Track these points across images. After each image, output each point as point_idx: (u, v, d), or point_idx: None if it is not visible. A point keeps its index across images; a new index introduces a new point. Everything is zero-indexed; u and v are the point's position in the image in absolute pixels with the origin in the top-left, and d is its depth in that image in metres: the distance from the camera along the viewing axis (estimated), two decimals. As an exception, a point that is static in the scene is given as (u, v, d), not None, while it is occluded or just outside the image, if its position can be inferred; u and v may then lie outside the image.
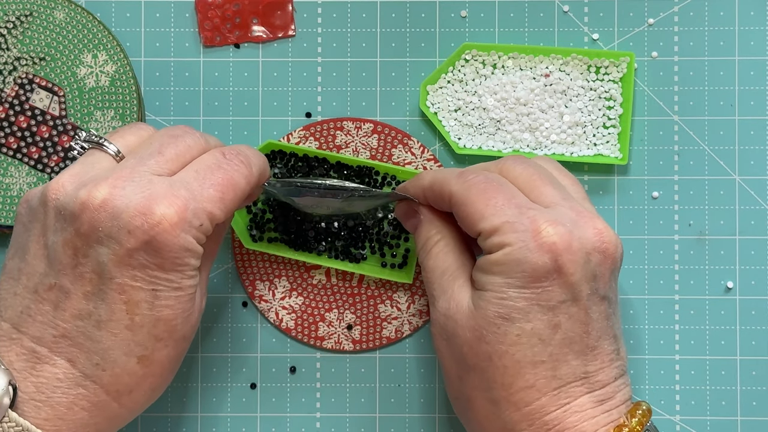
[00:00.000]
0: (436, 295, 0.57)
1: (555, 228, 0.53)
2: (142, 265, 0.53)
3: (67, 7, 0.64)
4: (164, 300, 0.53)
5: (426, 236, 0.59)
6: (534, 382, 0.53)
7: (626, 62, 0.65)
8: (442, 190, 0.57)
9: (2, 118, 0.64)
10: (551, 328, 0.53)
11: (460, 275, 0.57)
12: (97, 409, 0.54)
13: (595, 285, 0.54)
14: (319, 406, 0.66)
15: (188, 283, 0.54)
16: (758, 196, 0.66)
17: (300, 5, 0.67)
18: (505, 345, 0.53)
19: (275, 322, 0.66)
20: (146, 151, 0.56)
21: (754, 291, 0.66)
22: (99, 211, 0.52)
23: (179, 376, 0.66)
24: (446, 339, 0.56)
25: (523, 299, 0.53)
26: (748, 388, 0.65)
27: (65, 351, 0.53)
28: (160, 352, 0.54)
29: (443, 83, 0.66)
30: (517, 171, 0.57)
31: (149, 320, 0.53)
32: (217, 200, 0.54)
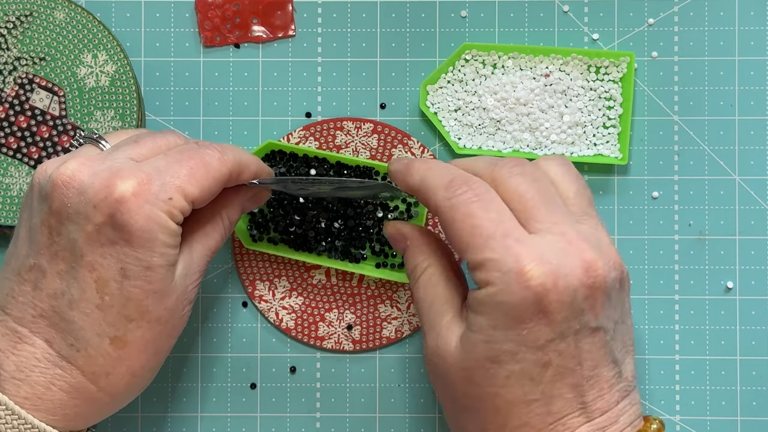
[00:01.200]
0: (425, 330, 0.56)
1: (540, 268, 0.51)
2: (110, 241, 0.53)
3: (67, 7, 0.64)
4: (133, 279, 0.53)
5: (413, 263, 0.58)
6: (528, 419, 0.52)
7: (626, 62, 0.65)
8: (428, 200, 0.55)
9: (2, 118, 0.64)
10: (541, 367, 0.52)
11: (448, 309, 0.55)
12: (75, 391, 0.54)
13: (584, 319, 0.52)
14: (319, 406, 0.66)
15: (159, 261, 0.54)
16: (758, 196, 0.66)
17: (300, 5, 0.67)
18: (495, 387, 0.52)
19: (275, 322, 0.66)
20: (125, 141, 0.57)
21: (754, 291, 0.66)
22: (67, 187, 0.53)
23: (179, 376, 0.66)
24: (437, 377, 0.55)
25: (510, 341, 0.52)
26: (748, 388, 0.65)
27: (43, 331, 0.54)
28: (133, 333, 0.54)
29: (443, 83, 0.66)
30: (511, 185, 0.54)
31: (119, 300, 0.53)
32: (186, 175, 0.54)
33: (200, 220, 0.58)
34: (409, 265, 0.58)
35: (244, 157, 0.58)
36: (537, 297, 0.51)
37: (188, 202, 0.54)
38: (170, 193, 0.54)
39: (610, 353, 0.53)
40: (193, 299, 0.57)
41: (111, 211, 0.53)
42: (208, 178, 0.55)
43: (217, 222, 0.59)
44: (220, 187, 0.56)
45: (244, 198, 0.60)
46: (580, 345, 0.52)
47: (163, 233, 0.53)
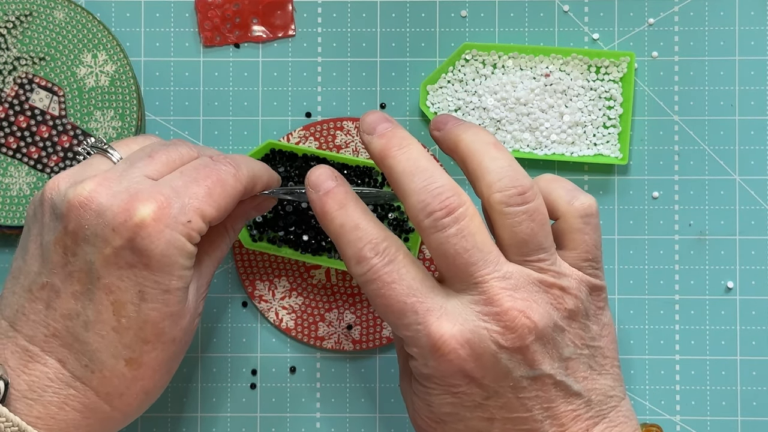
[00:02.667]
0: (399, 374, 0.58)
1: (452, 340, 0.50)
2: (128, 265, 0.52)
3: (67, 7, 0.64)
4: (151, 302, 0.53)
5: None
6: None
7: (626, 62, 0.65)
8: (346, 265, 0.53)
9: (2, 118, 0.64)
10: (486, 421, 0.52)
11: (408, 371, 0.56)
12: (89, 411, 0.54)
13: (518, 373, 0.51)
14: (319, 406, 0.66)
15: (177, 284, 0.53)
16: (758, 196, 0.66)
17: (300, 5, 0.67)
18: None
19: (275, 322, 0.66)
20: (138, 155, 0.56)
21: (754, 291, 0.66)
22: (85, 209, 0.53)
23: (179, 376, 0.66)
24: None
25: (448, 405, 0.52)
26: (748, 388, 0.65)
27: (56, 351, 0.54)
28: (148, 355, 0.54)
29: (443, 83, 0.66)
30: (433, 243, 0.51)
31: (136, 322, 0.53)
32: (204, 196, 0.54)
33: (207, 235, 0.57)
34: None
35: (256, 169, 0.57)
36: (456, 367, 0.51)
37: (206, 223, 0.54)
38: (189, 216, 0.53)
39: (566, 388, 0.52)
40: (201, 312, 0.57)
41: (131, 235, 0.52)
42: (225, 197, 0.55)
43: (224, 235, 0.59)
44: (235, 203, 0.56)
45: (249, 207, 0.60)
46: (521, 396, 0.51)
47: (182, 257, 0.53)
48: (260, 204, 0.60)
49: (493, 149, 0.53)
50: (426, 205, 0.51)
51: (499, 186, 0.52)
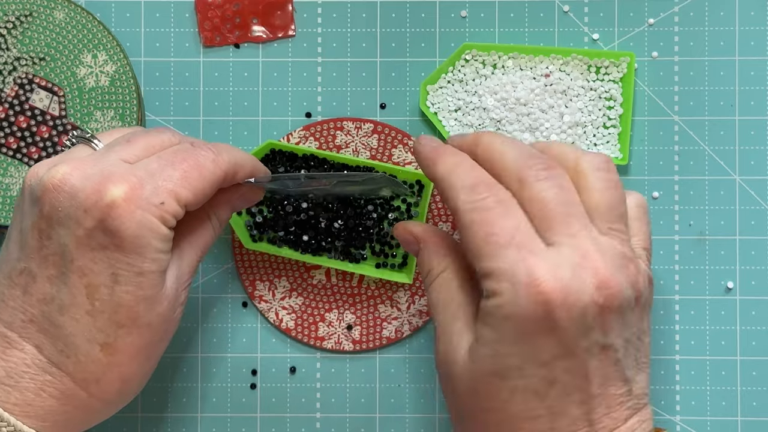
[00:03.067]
0: (438, 334, 0.55)
1: (551, 282, 0.50)
2: (101, 246, 0.52)
3: (67, 7, 0.64)
4: (124, 284, 0.53)
5: (428, 266, 0.57)
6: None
7: (626, 62, 0.65)
8: (448, 199, 0.54)
9: (2, 118, 0.64)
10: (547, 383, 0.51)
11: (461, 315, 0.54)
12: (66, 398, 0.54)
13: (593, 337, 0.51)
14: (319, 406, 0.66)
15: (150, 267, 0.53)
16: (758, 196, 0.66)
17: (300, 5, 0.67)
18: (498, 402, 0.52)
19: (275, 322, 0.66)
20: (117, 141, 0.56)
21: (754, 291, 0.66)
22: (58, 191, 0.53)
23: (179, 376, 0.66)
24: (446, 383, 0.55)
25: (515, 356, 0.51)
26: (748, 389, 0.65)
27: (33, 336, 0.54)
28: (123, 339, 0.53)
29: (443, 83, 0.66)
30: (534, 191, 0.52)
31: (109, 306, 0.53)
32: (179, 179, 0.54)
33: (188, 222, 0.57)
34: (424, 268, 0.57)
35: (239, 157, 0.57)
36: (545, 312, 0.50)
37: (181, 206, 0.54)
38: (162, 198, 0.53)
39: (620, 371, 0.52)
40: (184, 302, 0.57)
41: (102, 216, 0.52)
42: (201, 180, 0.54)
43: (206, 223, 0.58)
44: (214, 189, 0.56)
45: (233, 197, 0.59)
46: (587, 363, 0.51)
47: (155, 239, 0.53)
48: (245, 194, 0.60)
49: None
50: (529, 158, 0.53)
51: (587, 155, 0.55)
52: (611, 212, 0.53)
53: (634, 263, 0.53)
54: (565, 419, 0.51)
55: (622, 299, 0.51)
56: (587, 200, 0.53)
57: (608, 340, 0.51)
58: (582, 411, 0.51)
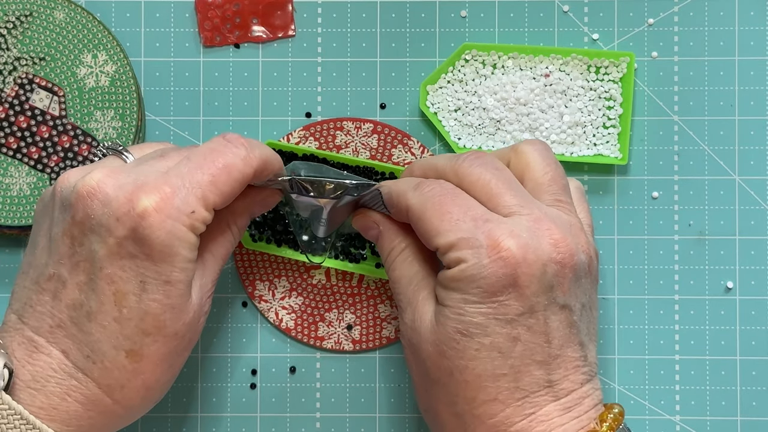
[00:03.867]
0: (403, 306, 0.57)
1: (510, 241, 0.53)
2: (130, 255, 0.53)
3: (67, 7, 0.64)
4: (152, 293, 0.53)
5: (389, 247, 0.59)
6: (496, 394, 0.53)
7: (626, 62, 0.65)
8: (400, 203, 0.57)
9: (2, 118, 0.64)
10: (510, 341, 0.53)
11: (425, 286, 0.57)
12: (90, 403, 0.54)
13: (552, 295, 0.53)
14: (319, 406, 0.66)
15: (178, 276, 0.53)
16: (758, 196, 0.66)
17: (300, 5, 0.67)
18: (464, 360, 0.53)
19: (275, 322, 0.66)
20: (150, 155, 0.57)
21: (754, 291, 0.66)
22: (92, 198, 0.53)
23: (179, 376, 0.66)
24: (412, 352, 0.56)
25: (481, 314, 0.53)
26: (748, 388, 0.65)
27: (60, 341, 0.54)
28: (149, 347, 0.54)
29: (443, 83, 0.66)
30: (473, 176, 0.56)
31: (137, 313, 0.53)
32: (208, 183, 0.54)
33: (210, 232, 0.57)
34: (385, 249, 0.59)
35: (269, 155, 0.57)
36: (509, 269, 0.52)
37: (209, 211, 0.54)
38: (192, 206, 0.53)
39: (577, 334, 0.54)
40: (207, 311, 0.57)
41: (133, 225, 0.52)
42: (230, 181, 0.55)
43: (226, 231, 0.58)
44: (242, 188, 0.56)
45: (252, 202, 0.59)
46: (548, 321, 0.53)
47: (184, 248, 0.53)
48: (265, 199, 0.60)
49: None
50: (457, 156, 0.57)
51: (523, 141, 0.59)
52: (554, 185, 0.57)
53: (583, 232, 0.56)
54: (527, 378, 0.53)
55: (577, 259, 0.54)
56: (531, 177, 0.57)
57: (566, 300, 0.54)
58: (543, 371, 0.53)
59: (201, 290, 0.56)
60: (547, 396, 0.54)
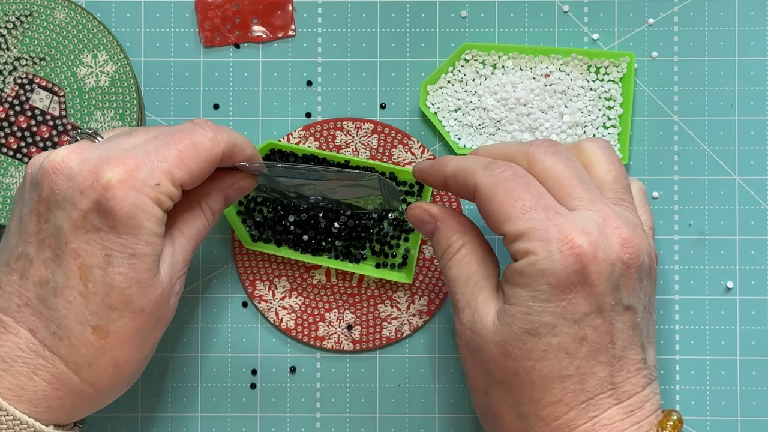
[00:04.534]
0: (460, 307, 0.56)
1: (581, 237, 0.52)
2: (95, 228, 0.53)
3: (67, 7, 0.64)
4: (117, 266, 0.53)
5: (446, 243, 0.58)
6: (562, 396, 0.52)
7: (626, 62, 0.65)
8: (467, 181, 0.55)
9: (2, 118, 0.64)
10: (577, 342, 0.52)
11: (485, 286, 0.56)
12: (59, 382, 0.54)
13: (619, 295, 0.53)
14: (319, 406, 0.66)
15: (144, 249, 0.53)
16: (758, 196, 0.66)
17: (300, 5, 0.67)
18: (531, 361, 0.52)
19: (275, 322, 0.66)
20: (118, 132, 0.57)
21: (754, 291, 0.66)
22: (56, 174, 0.53)
23: (179, 376, 0.66)
24: (472, 353, 0.55)
25: (549, 313, 0.52)
26: (748, 388, 0.65)
27: (27, 320, 0.54)
28: (115, 323, 0.53)
29: (443, 83, 0.66)
30: (546, 164, 0.55)
31: (102, 287, 0.53)
32: (175, 158, 0.54)
33: (179, 211, 0.57)
34: (442, 245, 0.58)
35: (239, 139, 0.57)
36: (579, 265, 0.52)
37: (176, 187, 0.54)
38: (158, 179, 0.53)
39: (639, 336, 0.54)
40: (179, 291, 0.57)
41: (97, 197, 0.52)
42: (197, 160, 0.55)
43: (197, 211, 0.58)
44: (211, 169, 0.56)
45: (225, 185, 0.59)
46: (613, 322, 0.53)
47: (149, 220, 0.53)
48: (238, 184, 0.59)
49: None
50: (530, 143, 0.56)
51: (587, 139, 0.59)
52: (618, 184, 0.56)
53: (645, 234, 0.55)
54: (592, 380, 0.53)
55: (642, 260, 0.54)
56: (595, 174, 0.56)
57: (631, 301, 0.53)
58: (607, 372, 0.53)
59: (171, 269, 0.56)
60: (611, 398, 0.53)
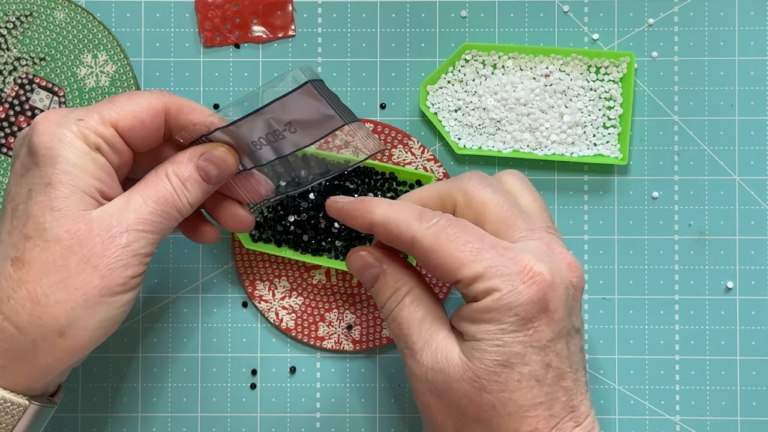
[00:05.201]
0: (417, 349, 0.55)
1: (539, 265, 0.53)
2: (26, 169, 0.54)
3: (67, 7, 0.64)
4: (35, 197, 0.53)
5: (393, 287, 0.57)
6: (536, 424, 0.53)
7: (626, 62, 0.65)
8: (401, 234, 0.55)
9: (2, 118, 0.64)
10: (544, 368, 0.53)
11: (441, 326, 0.55)
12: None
13: (572, 319, 0.54)
14: (319, 406, 0.66)
15: (60, 178, 0.53)
16: (758, 196, 0.66)
17: (300, 5, 0.67)
18: (507, 392, 0.53)
19: (275, 322, 0.66)
20: None
21: (754, 291, 0.66)
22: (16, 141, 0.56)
23: (180, 376, 0.66)
24: (438, 395, 0.54)
25: (519, 343, 0.52)
26: (748, 388, 0.65)
27: None
28: (30, 252, 0.53)
29: (443, 83, 0.66)
30: (485, 197, 0.55)
31: (22, 220, 0.53)
32: (106, 102, 0.55)
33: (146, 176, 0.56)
34: (388, 290, 0.57)
35: (186, 101, 0.57)
36: (542, 293, 0.52)
37: (105, 125, 0.54)
38: (81, 116, 0.54)
39: (584, 357, 0.55)
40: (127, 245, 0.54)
41: (28, 139, 0.54)
42: (131, 104, 0.55)
43: (161, 176, 0.56)
44: (151, 118, 0.55)
45: (195, 154, 0.56)
46: (569, 346, 0.54)
47: (67, 150, 0.53)
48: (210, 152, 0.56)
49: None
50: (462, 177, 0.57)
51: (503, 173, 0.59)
52: (544, 213, 0.58)
53: (573, 259, 0.56)
54: (557, 406, 0.53)
55: (583, 284, 0.55)
56: (527, 209, 0.57)
57: (579, 323, 0.55)
58: (567, 397, 0.54)
59: (114, 217, 0.54)
60: (571, 422, 0.53)
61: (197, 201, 0.56)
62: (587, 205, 0.66)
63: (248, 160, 0.57)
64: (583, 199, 0.66)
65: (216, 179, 0.56)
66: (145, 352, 0.66)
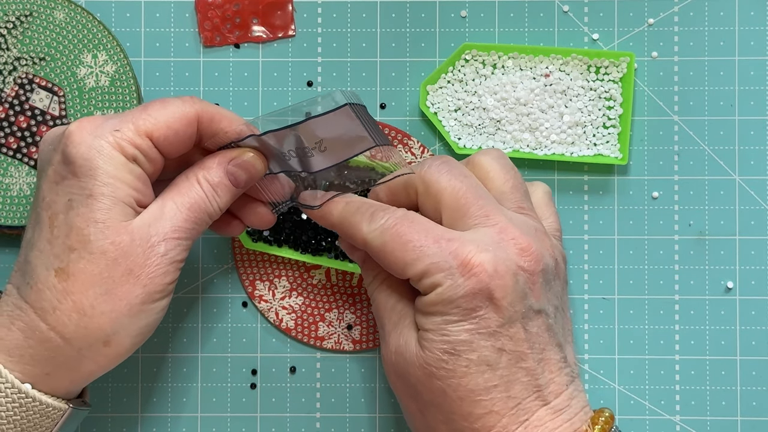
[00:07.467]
0: (388, 330, 0.57)
1: (479, 256, 0.54)
2: (62, 177, 0.54)
3: (67, 7, 0.64)
4: (77, 208, 0.54)
5: (373, 273, 0.59)
6: (491, 407, 0.54)
7: (626, 62, 0.65)
8: (355, 236, 0.57)
9: (2, 118, 0.64)
10: (496, 353, 0.54)
11: (408, 313, 0.57)
12: (29, 330, 0.54)
13: (528, 302, 0.55)
14: (319, 406, 0.66)
15: (102, 190, 0.54)
16: (758, 196, 0.66)
17: (300, 5, 0.67)
18: (456, 378, 0.54)
19: (275, 322, 0.66)
20: None
21: (754, 291, 0.66)
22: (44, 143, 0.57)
23: (179, 376, 0.66)
24: (400, 377, 0.57)
25: (464, 331, 0.54)
26: (748, 388, 0.65)
27: (14, 278, 0.56)
28: (75, 264, 0.54)
29: (443, 83, 0.66)
30: (442, 184, 0.56)
31: (64, 230, 0.54)
32: (140, 111, 0.55)
33: (175, 181, 0.57)
34: (369, 274, 0.59)
35: (220, 110, 0.57)
36: (482, 284, 0.53)
37: (141, 136, 0.55)
38: (117, 126, 0.55)
39: (554, 336, 0.56)
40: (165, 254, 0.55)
41: (62, 147, 0.54)
42: (164, 112, 0.55)
43: (192, 181, 0.56)
44: (185, 127, 0.56)
45: (224, 159, 0.57)
46: (527, 328, 0.55)
47: (106, 162, 0.54)
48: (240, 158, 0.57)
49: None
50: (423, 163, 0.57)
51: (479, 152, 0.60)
52: (516, 192, 0.58)
53: (548, 236, 0.57)
54: (517, 386, 0.54)
55: (544, 264, 0.55)
56: (492, 186, 0.58)
57: (541, 305, 0.55)
58: (530, 377, 0.54)
59: (152, 226, 0.54)
60: (537, 401, 0.54)
61: (226, 205, 0.58)
62: (587, 205, 0.66)
63: (275, 164, 0.58)
64: (583, 199, 0.66)
65: (245, 184, 0.58)
66: (145, 353, 0.66)
